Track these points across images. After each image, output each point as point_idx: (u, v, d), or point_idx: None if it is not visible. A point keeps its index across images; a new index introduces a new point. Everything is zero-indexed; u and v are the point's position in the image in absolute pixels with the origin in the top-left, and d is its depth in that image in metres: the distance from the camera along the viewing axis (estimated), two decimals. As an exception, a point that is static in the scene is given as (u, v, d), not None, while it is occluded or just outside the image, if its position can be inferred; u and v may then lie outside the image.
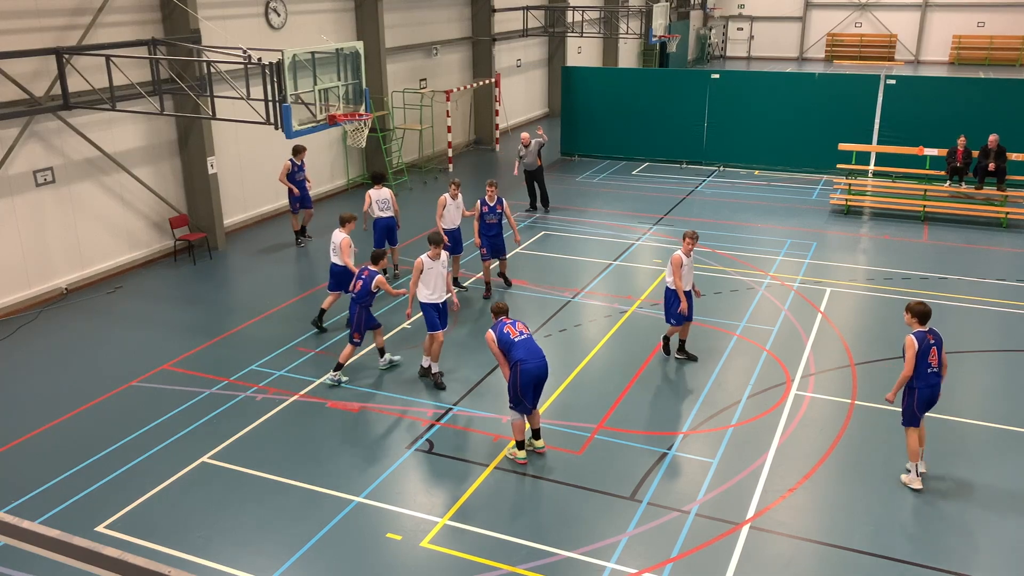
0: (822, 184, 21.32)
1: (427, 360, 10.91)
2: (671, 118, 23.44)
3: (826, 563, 7.58)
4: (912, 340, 8.23)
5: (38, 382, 11.09)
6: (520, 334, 8.86)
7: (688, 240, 11.02)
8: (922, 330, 8.30)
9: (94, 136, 14.20)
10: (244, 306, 13.67)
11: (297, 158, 16.23)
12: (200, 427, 9.84)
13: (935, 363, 8.32)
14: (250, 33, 17.08)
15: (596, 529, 8.00)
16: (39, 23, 13.12)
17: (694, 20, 49.45)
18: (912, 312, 8.39)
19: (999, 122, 19.08)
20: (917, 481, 8.58)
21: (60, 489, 8.67)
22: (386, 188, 14.24)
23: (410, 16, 22.79)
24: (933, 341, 8.28)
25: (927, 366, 8.28)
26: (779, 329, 12.48)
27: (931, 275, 14.58)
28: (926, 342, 8.24)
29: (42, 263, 13.69)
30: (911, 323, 8.37)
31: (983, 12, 46.13)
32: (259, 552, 7.72)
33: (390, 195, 14.15)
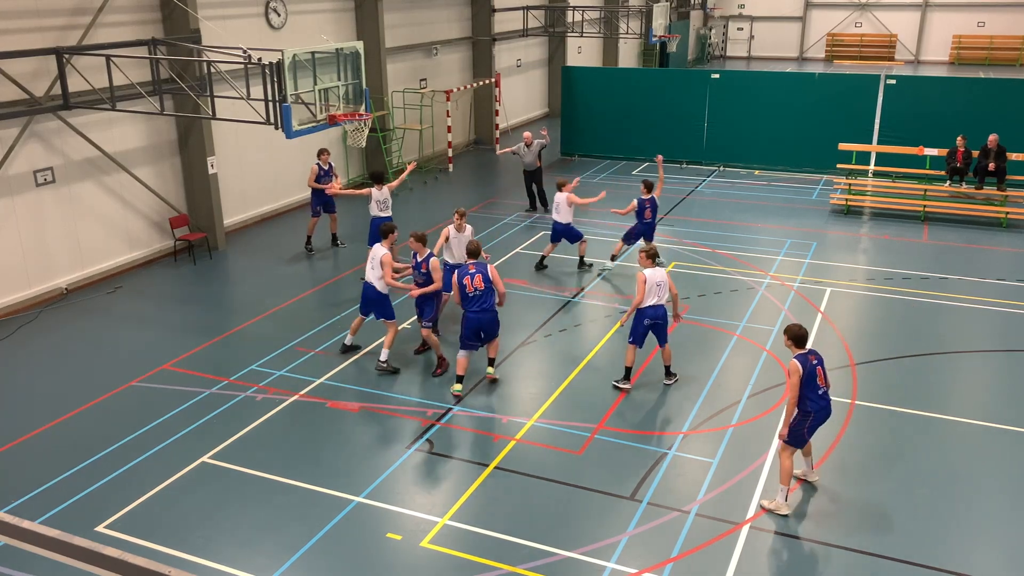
0: (822, 184, 21.32)
1: None
2: (671, 118, 23.43)
3: (826, 563, 7.58)
4: (796, 365, 7.85)
5: (38, 382, 11.09)
6: (475, 289, 10.14)
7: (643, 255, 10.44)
8: (802, 352, 7.96)
9: (94, 136, 14.20)
10: (244, 306, 13.67)
11: (322, 160, 15.78)
12: (200, 427, 9.84)
13: (823, 383, 7.99)
14: (250, 33, 17.08)
15: (596, 529, 8.00)
16: (39, 23, 13.12)
17: (694, 20, 49.45)
18: (789, 335, 8.03)
19: (999, 122, 19.08)
20: (784, 506, 8.14)
21: (60, 489, 8.67)
22: (386, 188, 14.26)
23: (410, 16, 22.79)
24: (816, 362, 7.94)
25: (816, 387, 7.92)
26: (779, 329, 12.48)
27: (931, 275, 14.58)
28: (809, 364, 7.89)
29: (42, 263, 13.69)
30: (789, 346, 8.02)
31: (983, 12, 46.13)
32: (259, 552, 7.72)
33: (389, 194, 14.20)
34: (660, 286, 10.30)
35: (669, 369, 10.80)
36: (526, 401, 10.51)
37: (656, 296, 10.30)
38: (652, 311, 10.33)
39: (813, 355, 7.98)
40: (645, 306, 10.28)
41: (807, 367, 7.85)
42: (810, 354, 7.97)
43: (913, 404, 10.27)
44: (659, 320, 10.41)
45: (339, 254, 16.20)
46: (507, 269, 15.07)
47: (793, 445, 8.12)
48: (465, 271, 10.22)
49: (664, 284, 10.32)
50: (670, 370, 10.79)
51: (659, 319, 10.40)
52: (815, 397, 7.92)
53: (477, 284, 10.14)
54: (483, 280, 10.18)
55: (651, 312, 10.33)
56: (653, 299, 10.29)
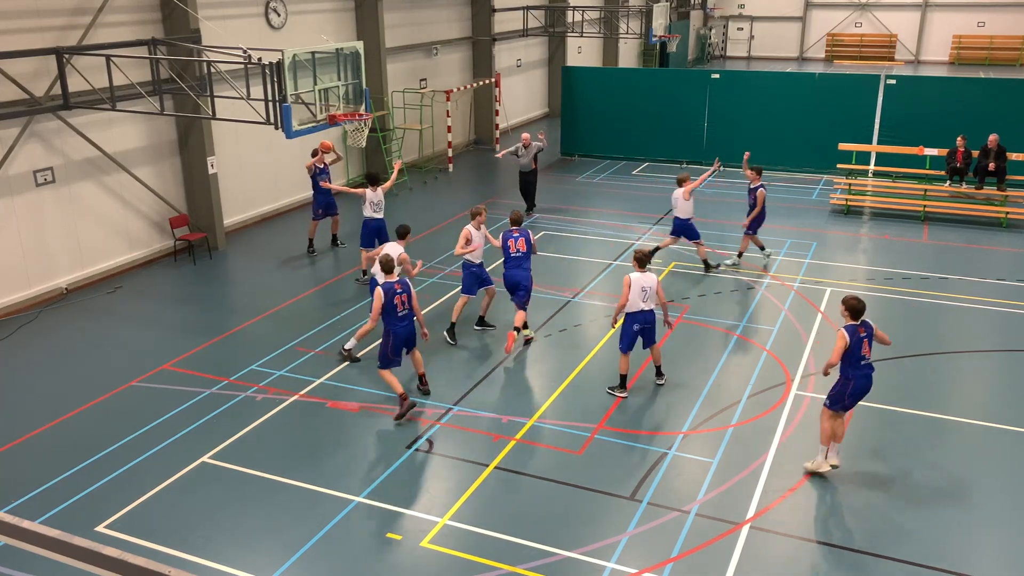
0: (822, 184, 21.32)
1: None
2: (671, 118, 23.44)
3: (826, 563, 7.58)
4: (844, 334, 8.35)
5: (38, 382, 11.09)
6: (518, 250, 11.50)
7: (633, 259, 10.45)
8: (854, 324, 8.40)
9: (94, 136, 14.20)
10: (244, 306, 13.67)
11: (318, 160, 15.61)
12: (200, 427, 9.84)
13: (868, 354, 8.47)
14: (250, 33, 17.08)
15: (596, 529, 8.00)
16: (39, 23, 13.12)
17: (694, 20, 49.45)
18: (846, 306, 8.48)
19: (999, 122, 19.07)
20: (825, 464, 8.75)
21: (60, 489, 8.67)
22: (381, 189, 14.22)
23: (410, 16, 22.79)
24: (864, 334, 8.40)
25: (860, 358, 8.42)
26: (779, 329, 12.48)
27: (931, 275, 14.58)
28: (857, 335, 8.36)
29: (42, 263, 13.69)
30: (844, 315, 8.48)
31: (983, 12, 46.12)
32: (259, 552, 7.72)
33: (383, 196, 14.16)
34: (646, 291, 10.25)
35: (659, 369, 10.83)
36: (526, 401, 10.51)
37: (643, 301, 10.26)
38: (641, 316, 10.32)
39: (863, 327, 8.39)
40: (635, 311, 10.28)
41: (854, 338, 8.31)
42: (860, 326, 8.38)
43: (913, 404, 10.27)
44: (647, 325, 10.42)
45: (339, 254, 16.20)
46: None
47: (834, 409, 8.61)
48: (510, 234, 11.87)
49: (651, 289, 10.26)
50: (660, 370, 10.83)
51: (648, 324, 10.41)
52: (856, 366, 8.40)
53: (520, 246, 11.84)
54: (525, 243, 11.85)
55: (640, 317, 10.33)
56: (641, 304, 10.25)
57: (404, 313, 9.90)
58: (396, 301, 9.76)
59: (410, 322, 10.02)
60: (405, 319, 9.95)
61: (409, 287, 9.90)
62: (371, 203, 14.07)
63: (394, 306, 9.76)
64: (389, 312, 9.77)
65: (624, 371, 10.52)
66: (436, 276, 14.76)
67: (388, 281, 9.78)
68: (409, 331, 10.05)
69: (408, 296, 9.88)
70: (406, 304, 9.88)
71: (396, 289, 9.76)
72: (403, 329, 9.95)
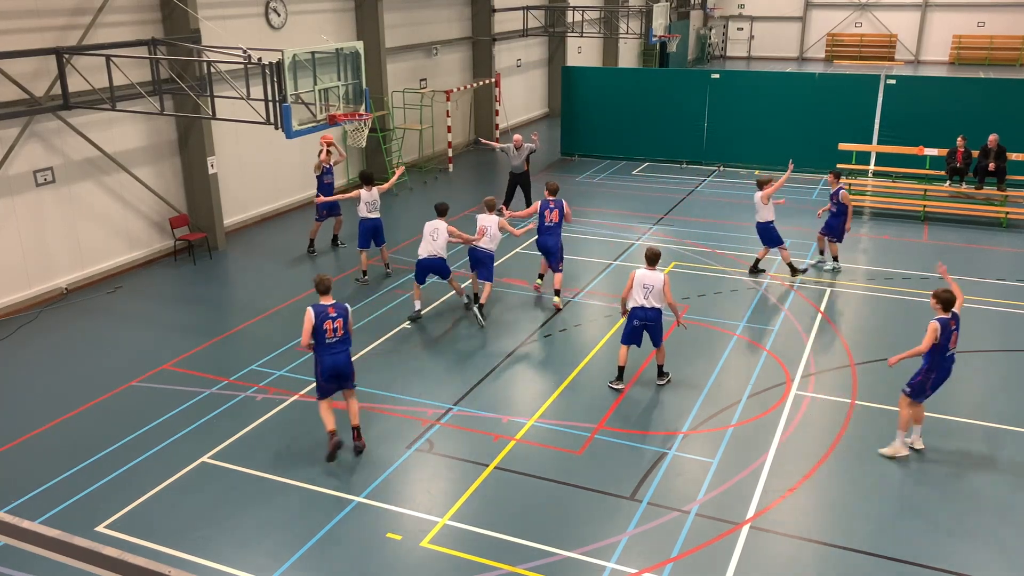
0: (822, 184, 21.31)
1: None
2: (671, 118, 23.44)
3: (826, 563, 7.58)
4: (936, 326, 8.57)
5: (38, 382, 11.09)
6: (551, 221, 12.44)
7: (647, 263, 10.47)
8: (946, 317, 8.62)
9: (94, 136, 14.21)
10: (244, 306, 13.68)
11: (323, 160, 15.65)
12: (200, 427, 9.84)
13: (954, 347, 8.74)
14: (250, 33, 17.08)
15: (596, 529, 8.00)
16: (39, 23, 13.12)
17: (694, 20, 49.45)
18: (938, 300, 8.67)
19: (999, 122, 19.07)
20: (903, 449, 9.07)
21: (60, 489, 8.67)
22: (376, 189, 14.22)
23: (410, 16, 22.79)
24: (955, 327, 8.64)
25: (945, 350, 8.68)
26: (779, 329, 12.48)
27: (931, 275, 14.57)
28: (948, 328, 8.60)
29: (42, 263, 13.69)
30: (936, 308, 8.68)
31: (983, 12, 46.12)
32: (259, 552, 7.72)
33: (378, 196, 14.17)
34: (648, 288, 10.26)
35: (661, 369, 10.81)
36: (526, 401, 10.51)
37: (644, 297, 10.27)
38: (641, 312, 10.34)
39: (954, 320, 8.64)
40: (635, 306, 10.34)
41: (946, 330, 8.57)
42: (952, 319, 8.62)
43: (913, 404, 10.27)
44: (649, 322, 10.39)
45: (339, 255, 16.20)
46: (506, 269, 15.08)
47: (914, 398, 8.98)
48: (547, 204, 13.04)
49: (654, 288, 10.25)
50: (662, 369, 10.81)
51: (649, 321, 10.38)
52: (942, 358, 8.74)
53: (554, 217, 12.92)
54: (559, 214, 12.97)
55: (640, 313, 10.34)
56: (641, 300, 10.28)
57: (334, 340, 8.87)
58: (326, 326, 8.77)
59: (344, 352, 8.96)
60: (337, 347, 8.90)
61: (346, 312, 8.94)
62: (366, 203, 14.08)
63: (323, 331, 8.78)
64: (318, 337, 8.82)
65: (621, 363, 10.60)
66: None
67: (321, 303, 8.86)
68: (341, 362, 8.95)
69: (344, 321, 8.89)
70: (338, 330, 8.87)
71: (329, 313, 8.80)
72: (332, 359, 8.89)
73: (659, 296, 10.29)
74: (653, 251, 10.49)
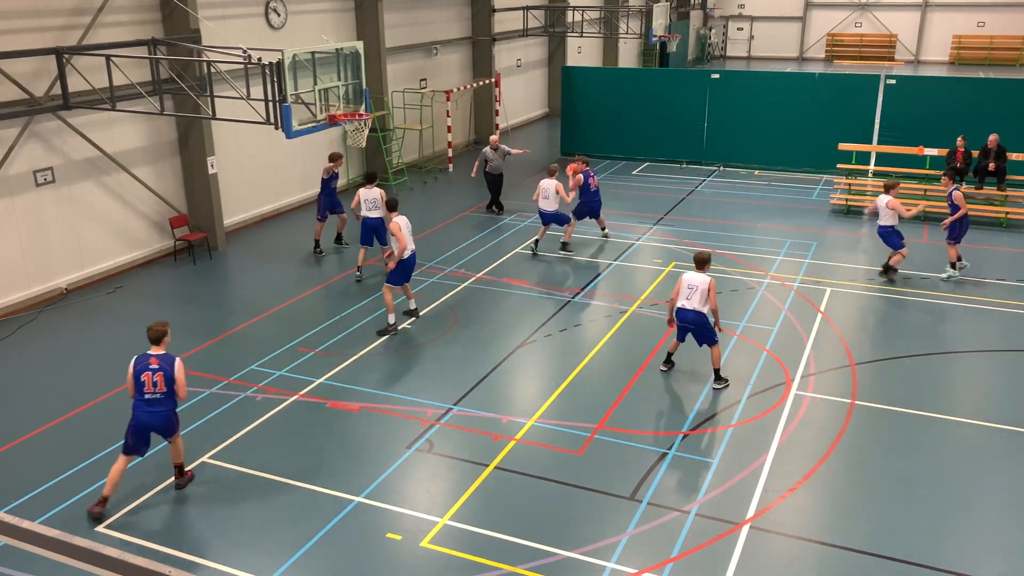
0: (822, 184, 21.32)
1: None
2: (671, 118, 23.44)
3: (826, 563, 7.58)
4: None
5: (38, 382, 11.09)
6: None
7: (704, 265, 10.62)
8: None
9: (94, 136, 14.20)
10: (244, 306, 13.68)
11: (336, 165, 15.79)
12: (200, 427, 9.84)
13: None
14: (250, 33, 17.08)
15: (596, 529, 8.00)
16: (39, 23, 13.12)
17: (694, 20, 49.46)
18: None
19: (999, 122, 19.06)
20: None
21: (60, 489, 8.67)
22: (377, 188, 14.21)
23: (410, 16, 22.79)
24: None
25: None
26: (779, 329, 12.48)
27: (931, 275, 14.57)
28: None
29: (42, 263, 13.69)
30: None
31: (983, 12, 46.13)
32: (259, 552, 7.72)
33: (380, 195, 14.11)
34: (692, 288, 10.34)
35: (717, 373, 10.69)
36: (526, 401, 10.51)
37: (687, 298, 10.38)
38: (681, 313, 10.49)
39: None
40: (677, 306, 10.51)
41: None
42: None
43: (913, 404, 10.27)
44: (689, 324, 10.49)
45: (341, 254, 16.19)
46: (506, 269, 15.09)
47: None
48: (588, 174, 15.51)
49: (697, 289, 10.30)
50: (718, 374, 10.69)
51: (690, 323, 10.47)
52: None
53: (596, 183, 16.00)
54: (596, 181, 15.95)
55: (680, 314, 10.51)
56: (684, 300, 10.43)
57: (154, 397, 8.02)
58: (144, 378, 7.96)
59: (161, 412, 8.11)
60: (155, 405, 8.05)
61: (171, 365, 8.04)
62: (365, 201, 14.08)
63: (141, 383, 7.98)
64: (136, 389, 8.05)
65: (670, 349, 11.09)
66: (436, 276, 14.75)
67: (146, 352, 8.11)
68: (158, 420, 8.13)
69: (165, 376, 7.98)
70: (159, 385, 7.99)
71: (150, 364, 7.98)
72: (148, 416, 8.07)
73: (702, 298, 10.30)
74: (702, 255, 10.57)
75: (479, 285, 14.31)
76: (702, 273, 10.45)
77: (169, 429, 8.31)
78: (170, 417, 8.24)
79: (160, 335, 8.23)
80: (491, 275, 14.80)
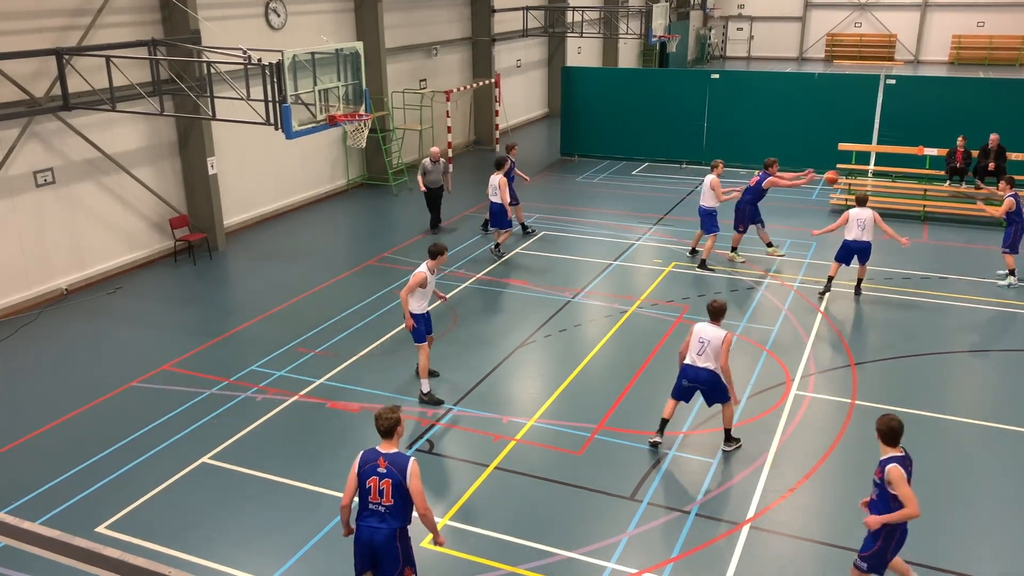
0: (822, 184, 21.31)
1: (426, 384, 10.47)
2: (671, 118, 23.45)
3: (826, 563, 7.58)
4: (899, 471, 6.23)
5: (38, 383, 11.09)
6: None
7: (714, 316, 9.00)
8: (898, 454, 6.37)
9: (94, 137, 14.21)
10: (244, 306, 13.68)
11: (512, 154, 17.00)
12: (200, 428, 9.84)
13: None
14: (250, 33, 17.08)
15: (596, 529, 8.01)
16: (39, 24, 13.12)
17: (694, 20, 49.45)
18: (880, 432, 6.40)
19: (999, 122, 19.05)
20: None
21: (60, 490, 8.67)
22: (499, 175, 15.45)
23: (410, 16, 22.79)
24: (910, 466, 6.43)
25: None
26: (779, 329, 12.48)
27: (932, 275, 14.58)
28: (908, 466, 6.34)
29: (42, 264, 13.69)
30: (882, 447, 6.40)
31: (983, 12, 46.14)
32: (259, 552, 7.72)
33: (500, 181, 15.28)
34: (703, 343, 8.87)
35: (728, 433, 9.26)
36: (526, 401, 10.51)
37: (697, 353, 8.92)
38: (691, 372, 8.97)
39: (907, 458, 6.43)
40: (685, 363, 9.05)
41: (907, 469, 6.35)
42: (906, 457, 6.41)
43: (913, 404, 10.27)
44: (700, 384, 8.99)
45: (342, 254, 16.18)
46: (506, 270, 15.09)
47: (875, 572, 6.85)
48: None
49: (710, 343, 8.82)
50: (729, 434, 9.27)
51: (700, 383, 8.98)
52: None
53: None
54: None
55: (689, 372, 8.99)
56: (694, 355, 8.96)
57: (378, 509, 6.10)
58: (370, 484, 6.08)
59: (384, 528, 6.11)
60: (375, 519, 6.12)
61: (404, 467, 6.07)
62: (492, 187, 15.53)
63: (367, 491, 6.12)
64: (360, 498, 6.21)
65: (664, 415, 9.29)
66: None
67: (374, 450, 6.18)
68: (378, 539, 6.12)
69: (393, 483, 6.05)
70: (385, 494, 6.07)
71: (378, 467, 6.07)
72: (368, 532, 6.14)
73: (715, 354, 8.82)
74: (716, 305, 8.97)
75: (479, 285, 14.32)
76: (715, 325, 8.95)
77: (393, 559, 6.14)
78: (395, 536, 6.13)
79: (392, 425, 6.18)
80: (491, 275, 14.81)
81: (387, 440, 6.16)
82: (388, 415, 6.17)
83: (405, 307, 10.11)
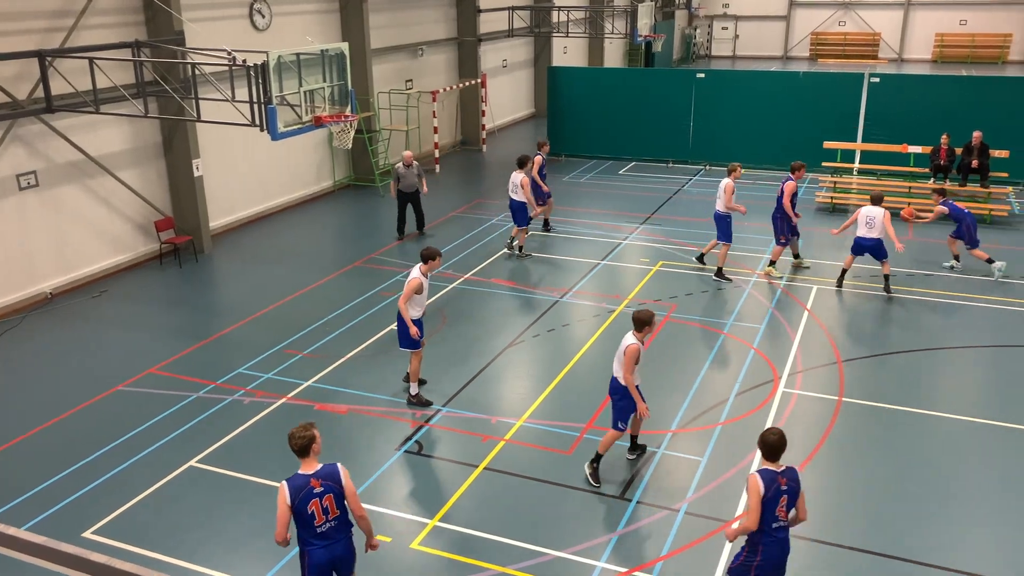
0: (807, 182, 21.41)
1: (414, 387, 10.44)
2: (657, 118, 23.51)
3: (815, 560, 7.61)
4: (756, 482, 5.94)
5: (23, 388, 11.00)
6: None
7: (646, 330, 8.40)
8: (772, 469, 6.02)
9: (78, 139, 14.11)
10: (231, 309, 13.61)
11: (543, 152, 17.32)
12: (188, 431, 9.79)
13: (783, 515, 6.06)
14: (234, 34, 17.00)
15: (586, 528, 8.01)
16: (21, 25, 13.02)
17: (679, 20, 49.59)
18: (761, 443, 6.06)
19: (981, 119, 19.20)
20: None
21: (47, 495, 8.61)
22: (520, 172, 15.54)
23: (395, 17, 22.75)
24: (786, 487, 5.99)
25: (773, 519, 6.01)
26: (766, 327, 12.53)
27: (917, 272, 14.67)
28: (775, 486, 5.96)
29: (26, 267, 13.58)
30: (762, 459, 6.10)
31: (965, 10, 46.50)
32: (248, 556, 7.68)
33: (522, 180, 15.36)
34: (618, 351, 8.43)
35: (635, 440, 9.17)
36: (515, 402, 10.51)
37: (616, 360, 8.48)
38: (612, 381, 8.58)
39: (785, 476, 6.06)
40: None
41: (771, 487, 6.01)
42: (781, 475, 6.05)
43: (900, 400, 10.33)
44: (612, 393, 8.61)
45: (336, 254, 16.13)
46: (494, 270, 15.09)
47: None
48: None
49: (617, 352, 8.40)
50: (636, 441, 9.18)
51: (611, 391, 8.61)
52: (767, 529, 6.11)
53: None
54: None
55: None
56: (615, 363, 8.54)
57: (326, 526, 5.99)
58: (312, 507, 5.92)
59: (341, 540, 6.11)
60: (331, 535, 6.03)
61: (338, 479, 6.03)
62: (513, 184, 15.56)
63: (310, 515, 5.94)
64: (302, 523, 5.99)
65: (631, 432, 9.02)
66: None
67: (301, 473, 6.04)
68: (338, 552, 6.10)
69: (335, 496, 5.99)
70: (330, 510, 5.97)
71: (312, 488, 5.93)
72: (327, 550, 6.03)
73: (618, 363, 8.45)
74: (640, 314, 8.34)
75: (467, 286, 14.31)
76: (630, 334, 8.40)
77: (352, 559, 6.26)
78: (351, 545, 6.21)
79: (307, 443, 6.03)
80: (479, 275, 14.81)
81: (305, 459, 6.03)
82: (302, 433, 6.02)
83: (406, 316, 9.94)
